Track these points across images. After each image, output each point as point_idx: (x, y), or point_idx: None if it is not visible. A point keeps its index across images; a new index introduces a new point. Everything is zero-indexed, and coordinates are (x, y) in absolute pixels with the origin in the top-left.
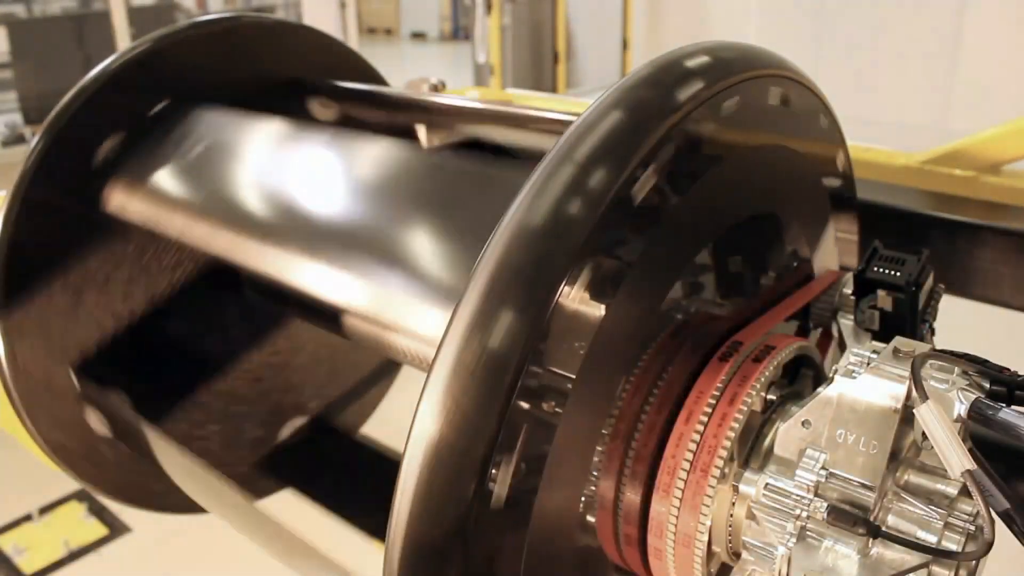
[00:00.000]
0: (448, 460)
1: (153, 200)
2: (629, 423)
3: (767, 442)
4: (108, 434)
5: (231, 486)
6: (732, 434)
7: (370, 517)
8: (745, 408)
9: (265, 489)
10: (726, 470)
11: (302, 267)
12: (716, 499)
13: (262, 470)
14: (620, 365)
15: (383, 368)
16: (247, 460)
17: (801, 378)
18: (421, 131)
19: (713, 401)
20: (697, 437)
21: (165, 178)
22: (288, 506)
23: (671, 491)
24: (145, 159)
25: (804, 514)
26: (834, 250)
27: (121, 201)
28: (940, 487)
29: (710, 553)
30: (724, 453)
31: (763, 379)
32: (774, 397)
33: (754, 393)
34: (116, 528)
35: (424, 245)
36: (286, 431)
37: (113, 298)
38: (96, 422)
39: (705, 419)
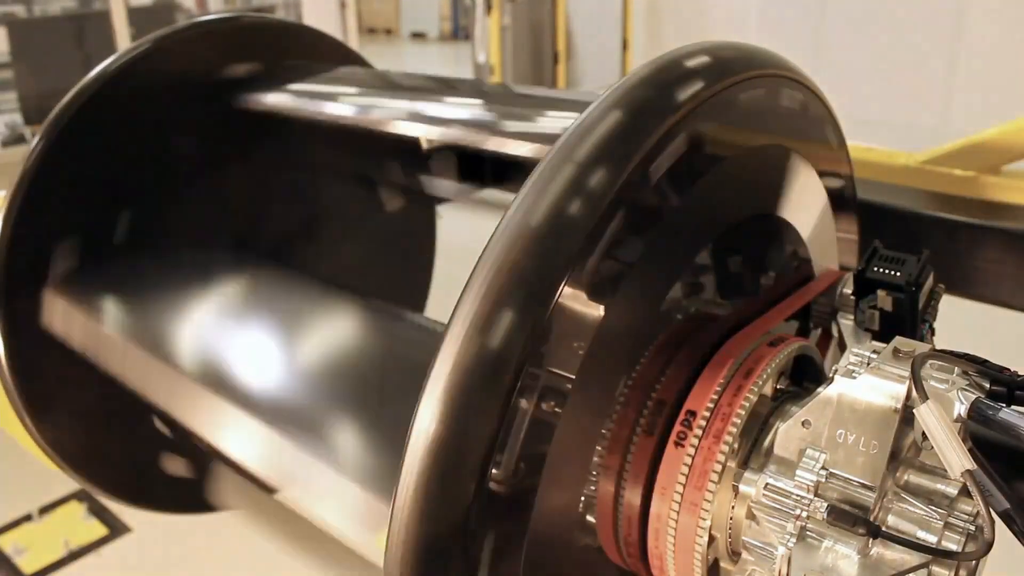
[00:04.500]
0: (448, 460)
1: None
2: (629, 422)
3: (767, 442)
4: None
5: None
6: (743, 411)
7: None
8: (756, 388)
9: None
10: (730, 463)
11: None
12: (716, 498)
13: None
14: (620, 365)
15: None
16: None
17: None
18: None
19: (719, 389)
20: (700, 432)
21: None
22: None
23: (671, 488)
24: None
25: (804, 514)
26: (834, 250)
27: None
28: (940, 487)
29: (710, 552)
30: (734, 429)
31: (775, 364)
32: (783, 386)
33: (766, 376)
34: (116, 528)
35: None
36: None
37: None
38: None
39: (712, 405)
